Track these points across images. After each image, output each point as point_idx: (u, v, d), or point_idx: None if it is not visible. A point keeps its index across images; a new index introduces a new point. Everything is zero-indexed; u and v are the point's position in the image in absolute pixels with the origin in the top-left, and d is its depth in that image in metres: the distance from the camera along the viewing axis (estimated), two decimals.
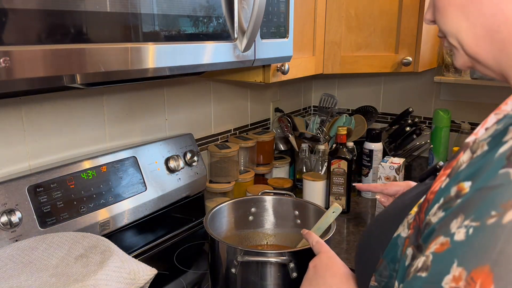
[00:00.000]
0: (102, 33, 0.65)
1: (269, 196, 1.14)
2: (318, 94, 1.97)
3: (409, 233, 0.51)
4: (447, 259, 0.41)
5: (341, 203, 1.43)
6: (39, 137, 1.04)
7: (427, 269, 0.42)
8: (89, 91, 1.12)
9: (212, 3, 0.82)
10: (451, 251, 0.41)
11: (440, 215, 0.45)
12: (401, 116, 1.75)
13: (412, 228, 0.51)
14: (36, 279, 0.73)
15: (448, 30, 0.55)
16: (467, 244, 0.40)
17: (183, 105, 1.40)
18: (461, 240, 0.41)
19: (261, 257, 0.87)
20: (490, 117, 0.47)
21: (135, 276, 0.78)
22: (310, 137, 1.63)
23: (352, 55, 1.44)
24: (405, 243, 0.51)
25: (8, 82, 0.55)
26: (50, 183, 0.96)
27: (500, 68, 0.52)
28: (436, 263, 0.42)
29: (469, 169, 0.44)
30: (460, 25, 0.53)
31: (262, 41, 0.97)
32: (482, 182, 0.42)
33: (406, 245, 0.51)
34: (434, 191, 0.49)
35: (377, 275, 0.55)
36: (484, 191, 0.42)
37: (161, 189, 1.20)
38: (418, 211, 0.51)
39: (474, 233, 0.40)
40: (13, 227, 0.88)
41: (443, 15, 0.55)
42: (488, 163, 0.43)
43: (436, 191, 0.48)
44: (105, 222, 1.05)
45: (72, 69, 0.62)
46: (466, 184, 0.44)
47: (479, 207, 0.41)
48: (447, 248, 0.42)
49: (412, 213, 0.53)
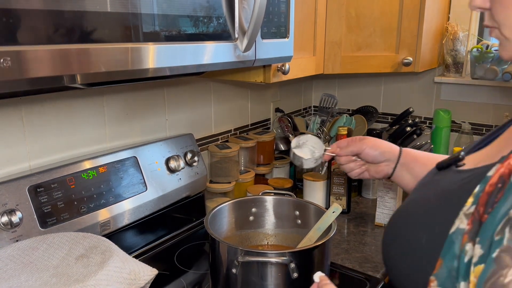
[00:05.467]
0: (102, 33, 0.65)
1: (270, 196, 1.14)
2: (319, 94, 1.97)
3: (468, 228, 0.50)
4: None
5: (341, 203, 1.43)
6: (40, 137, 1.04)
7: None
8: (90, 91, 1.12)
9: (213, 3, 0.82)
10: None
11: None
12: (401, 116, 1.75)
13: (471, 223, 0.50)
14: (37, 279, 0.72)
15: (507, 22, 0.56)
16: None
17: (184, 105, 1.40)
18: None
19: (261, 257, 0.87)
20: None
21: (136, 276, 0.77)
22: None
23: (353, 55, 1.43)
24: (464, 239, 0.50)
25: (8, 82, 0.55)
26: (51, 183, 0.96)
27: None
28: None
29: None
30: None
31: (263, 41, 0.97)
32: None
33: (464, 240, 0.50)
34: (493, 183, 0.49)
35: (438, 278, 0.53)
36: None
37: (162, 189, 1.20)
38: (476, 204, 0.50)
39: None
40: (14, 227, 0.88)
41: (505, 6, 0.56)
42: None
43: (497, 184, 0.48)
44: (105, 222, 1.05)
45: (73, 69, 0.62)
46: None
47: None
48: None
49: (467, 205, 0.52)
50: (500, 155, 0.56)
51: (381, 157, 0.95)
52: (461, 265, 0.49)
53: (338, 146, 1.01)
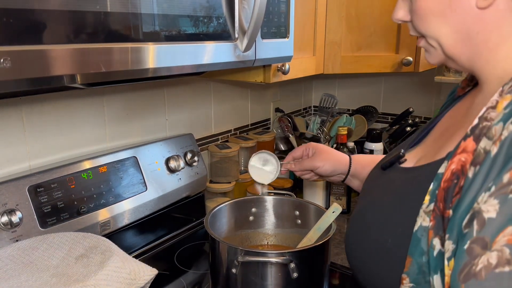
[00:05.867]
0: (102, 33, 0.65)
1: (270, 196, 1.14)
2: (319, 94, 1.97)
3: (431, 224, 0.53)
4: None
5: (341, 203, 1.43)
6: (40, 137, 1.04)
7: (509, 263, 0.42)
8: (90, 91, 1.12)
9: (213, 3, 0.82)
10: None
11: (494, 202, 0.46)
12: (401, 116, 1.75)
13: (433, 219, 0.53)
14: (37, 279, 0.73)
15: (428, 34, 0.61)
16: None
17: (184, 105, 1.40)
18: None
19: (261, 257, 0.87)
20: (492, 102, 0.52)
21: (136, 276, 0.77)
22: (311, 137, 1.63)
23: (353, 55, 1.43)
24: (429, 234, 0.53)
25: (8, 82, 0.55)
26: (51, 183, 0.96)
27: (471, 65, 0.60)
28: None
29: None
30: (441, 30, 0.59)
31: (263, 41, 0.97)
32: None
33: (430, 236, 0.53)
34: (447, 179, 0.52)
35: (410, 275, 0.55)
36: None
37: (162, 189, 1.20)
38: (434, 200, 0.53)
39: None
40: (14, 227, 0.88)
41: (424, 20, 0.61)
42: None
43: (452, 180, 0.51)
44: (105, 222, 1.05)
45: (73, 69, 0.62)
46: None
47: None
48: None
49: (425, 203, 0.55)
50: (441, 150, 0.61)
51: (333, 173, 1.05)
52: (431, 260, 0.52)
53: (293, 156, 1.09)
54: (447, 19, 0.58)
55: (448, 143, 0.61)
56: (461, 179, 0.51)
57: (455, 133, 0.62)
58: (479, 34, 0.57)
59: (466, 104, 0.67)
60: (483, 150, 0.49)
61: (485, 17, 0.56)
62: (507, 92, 0.52)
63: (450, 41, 0.60)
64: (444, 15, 0.58)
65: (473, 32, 0.57)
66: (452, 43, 0.60)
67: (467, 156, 0.51)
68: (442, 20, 0.59)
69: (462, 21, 0.57)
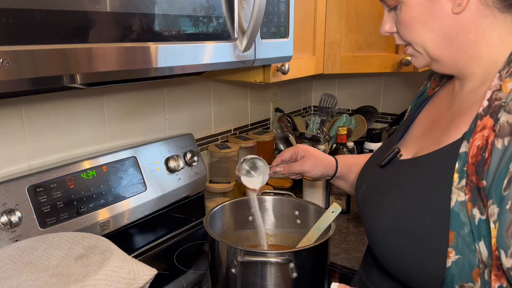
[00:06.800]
0: (102, 33, 0.65)
1: (269, 196, 1.14)
2: (318, 94, 1.97)
3: (468, 197, 0.59)
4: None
5: (341, 203, 1.43)
6: (39, 137, 1.04)
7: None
8: (89, 91, 1.12)
9: (212, 3, 0.82)
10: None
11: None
12: (401, 116, 1.75)
13: (469, 192, 0.59)
14: (36, 279, 0.73)
15: (414, 41, 0.69)
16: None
17: (183, 105, 1.40)
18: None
19: (261, 257, 0.87)
20: None
21: (135, 276, 0.77)
22: (310, 137, 1.63)
23: (352, 55, 1.43)
24: (468, 206, 0.59)
25: (8, 82, 0.55)
26: (50, 183, 0.96)
27: (454, 65, 0.68)
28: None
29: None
30: (425, 36, 0.67)
31: (262, 41, 0.97)
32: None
33: (469, 207, 0.59)
34: (474, 154, 0.58)
35: (455, 248, 0.60)
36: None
37: (161, 189, 1.20)
38: (466, 176, 0.59)
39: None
40: (13, 227, 0.88)
41: (409, 29, 0.68)
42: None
43: (480, 154, 0.58)
44: (105, 222, 1.05)
45: (73, 69, 0.62)
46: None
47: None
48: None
49: (455, 180, 0.61)
50: (444, 138, 0.67)
51: (321, 177, 1.09)
52: (473, 229, 0.58)
53: (282, 159, 1.09)
54: (429, 26, 0.66)
55: (448, 131, 0.68)
56: (487, 152, 0.57)
57: (451, 122, 0.69)
58: (459, 35, 0.65)
59: (446, 101, 0.75)
60: (506, 123, 0.56)
61: (461, 20, 0.64)
62: (506, 76, 0.60)
63: (435, 44, 0.67)
64: (426, 23, 0.66)
65: (453, 34, 0.65)
66: (436, 46, 0.67)
67: (489, 131, 0.58)
68: (425, 27, 0.67)
69: (442, 26, 0.65)
